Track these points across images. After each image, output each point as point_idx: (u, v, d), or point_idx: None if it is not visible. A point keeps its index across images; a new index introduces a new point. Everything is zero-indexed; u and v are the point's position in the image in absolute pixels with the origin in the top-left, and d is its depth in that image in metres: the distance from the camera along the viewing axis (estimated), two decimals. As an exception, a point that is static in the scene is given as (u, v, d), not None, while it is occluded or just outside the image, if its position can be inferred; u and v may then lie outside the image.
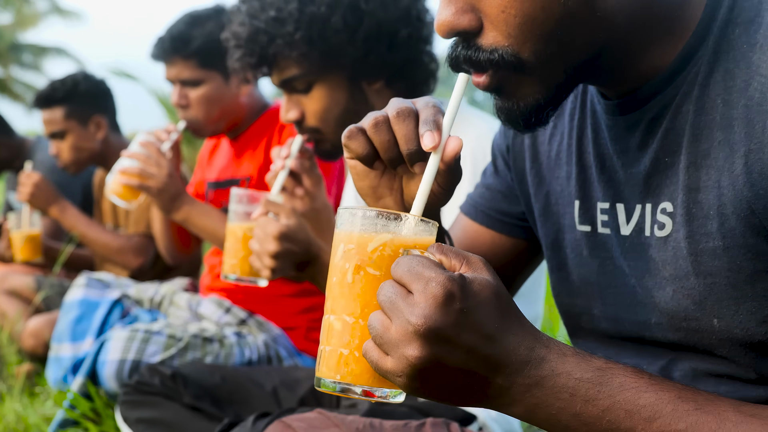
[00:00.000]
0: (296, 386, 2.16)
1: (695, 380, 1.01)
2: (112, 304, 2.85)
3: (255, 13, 1.87)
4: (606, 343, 1.13)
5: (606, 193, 1.09)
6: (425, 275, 0.81)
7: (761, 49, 0.90)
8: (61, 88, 3.55)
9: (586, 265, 1.14)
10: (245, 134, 2.80)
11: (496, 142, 1.35)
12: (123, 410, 2.17)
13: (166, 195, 2.47)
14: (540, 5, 0.91)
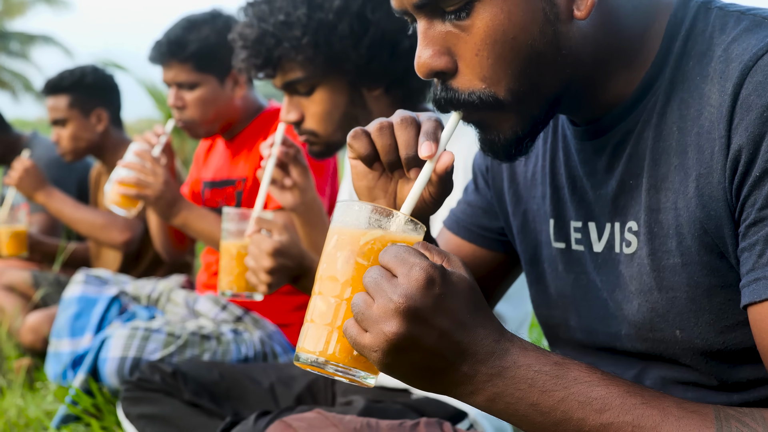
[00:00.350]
0: (292, 383, 2.22)
1: (665, 388, 1.08)
2: (110, 301, 2.91)
3: (263, 17, 1.93)
4: (582, 352, 1.21)
5: (578, 212, 1.17)
6: (410, 261, 0.89)
7: (712, 81, 0.97)
8: (69, 78, 3.63)
9: (562, 280, 1.21)
10: (240, 135, 2.86)
11: (477, 161, 1.42)
12: (125, 406, 2.24)
13: (163, 202, 2.53)
14: (509, 47, 0.99)
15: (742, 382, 1.03)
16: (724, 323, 1.00)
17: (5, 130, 4.33)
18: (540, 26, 0.99)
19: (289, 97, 2.00)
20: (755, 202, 0.91)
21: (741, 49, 0.96)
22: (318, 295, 0.97)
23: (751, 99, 0.91)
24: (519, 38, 0.99)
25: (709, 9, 1.03)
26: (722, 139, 0.94)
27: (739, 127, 0.92)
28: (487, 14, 0.98)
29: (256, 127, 2.84)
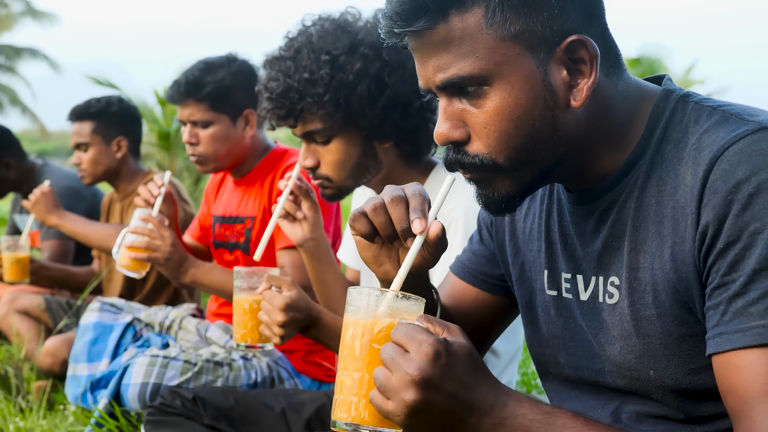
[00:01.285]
0: (302, 408, 2.43)
1: (638, 421, 1.29)
2: (125, 327, 3.12)
3: (289, 72, 2.10)
4: (569, 386, 1.42)
5: (568, 265, 1.38)
6: (418, 338, 1.08)
7: (686, 164, 1.19)
8: (95, 106, 3.89)
9: (553, 323, 1.42)
10: (249, 174, 3.06)
11: (482, 216, 1.62)
12: (148, 429, 2.44)
13: (172, 263, 2.67)
14: (513, 125, 1.21)
15: (704, 416, 1.24)
16: (691, 366, 1.21)
17: (21, 158, 4.53)
18: (540, 111, 1.20)
19: (306, 145, 2.18)
20: (719, 269, 1.12)
21: (711, 140, 1.16)
22: (344, 371, 1.16)
23: (718, 184, 1.12)
24: (522, 119, 1.20)
25: (686, 102, 1.25)
26: (693, 215, 1.15)
27: (707, 207, 1.13)
28: (497, 97, 1.20)
29: (265, 167, 3.04)
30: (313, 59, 2.09)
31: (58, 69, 36.78)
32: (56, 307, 3.95)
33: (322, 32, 2.12)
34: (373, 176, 2.21)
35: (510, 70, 1.19)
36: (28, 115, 36.16)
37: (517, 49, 1.18)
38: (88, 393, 2.93)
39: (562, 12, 1.18)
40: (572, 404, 1.39)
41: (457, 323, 1.57)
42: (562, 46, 1.19)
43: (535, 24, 1.17)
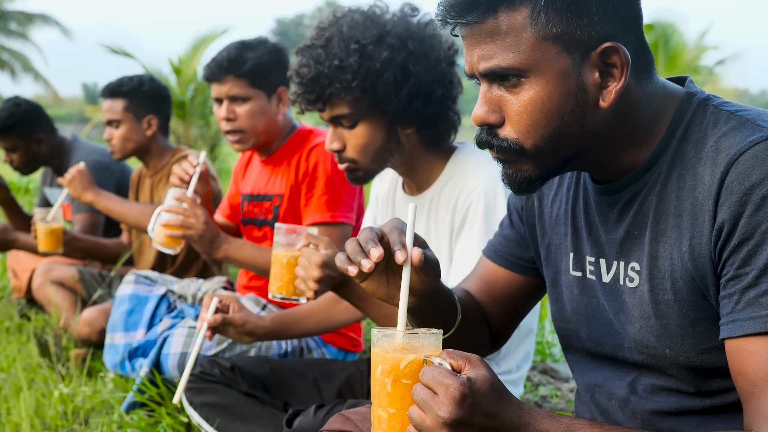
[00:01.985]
0: (333, 377, 2.60)
1: (653, 393, 1.44)
2: (160, 299, 3.28)
3: (320, 60, 2.23)
4: (589, 359, 1.57)
5: (592, 250, 1.52)
6: (445, 382, 1.19)
7: (704, 164, 1.32)
8: (128, 84, 4.01)
9: (577, 301, 1.56)
10: (276, 154, 3.20)
11: (513, 201, 1.76)
12: (189, 395, 2.61)
13: (205, 239, 2.81)
14: (543, 116, 1.35)
15: (713, 390, 1.38)
16: (703, 346, 1.35)
17: (52, 133, 4.68)
18: (571, 107, 1.34)
19: (333, 129, 2.31)
20: (734, 263, 1.26)
21: (728, 144, 1.29)
22: (379, 407, 1.31)
23: (734, 185, 1.26)
24: (552, 112, 1.34)
25: (707, 106, 1.38)
26: (710, 213, 1.28)
27: (724, 206, 1.26)
28: (532, 89, 1.34)
29: (291, 146, 3.18)
30: (343, 48, 2.21)
31: (70, 35, 36.85)
32: (89, 278, 4.12)
33: (352, 23, 2.24)
34: (396, 160, 2.33)
35: (547, 67, 1.32)
36: (41, 81, 36.28)
37: (555, 48, 1.32)
38: (126, 361, 3.10)
39: (600, 19, 1.30)
40: (592, 375, 1.55)
41: (489, 304, 1.74)
42: (598, 51, 1.32)
43: (574, 28, 1.30)
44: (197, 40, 14.25)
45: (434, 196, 2.35)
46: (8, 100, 4.65)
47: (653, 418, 1.43)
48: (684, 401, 1.41)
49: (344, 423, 1.86)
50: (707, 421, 1.37)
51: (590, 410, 1.55)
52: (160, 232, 2.84)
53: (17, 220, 4.70)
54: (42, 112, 4.70)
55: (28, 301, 4.58)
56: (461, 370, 1.24)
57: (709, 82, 19.30)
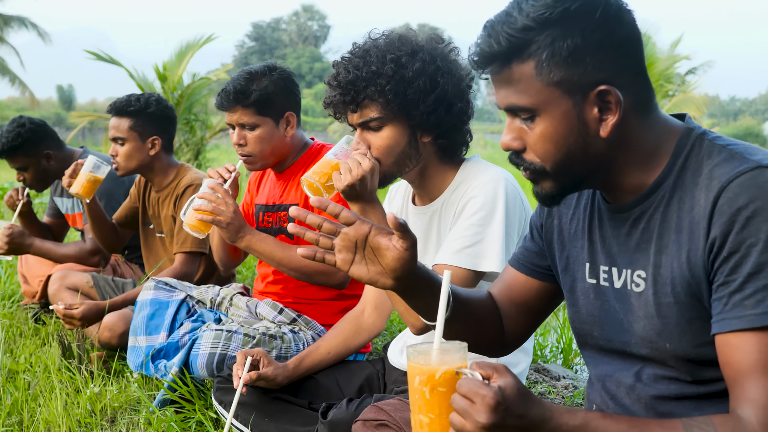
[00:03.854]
0: (352, 376, 2.83)
1: (656, 381, 1.68)
2: (180, 304, 3.50)
3: (358, 67, 2.45)
4: (601, 353, 1.82)
5: (606, 260, 1.77)
6: (480, 393, 1.41)
7: (700, 189, 1.57)
8: (135, 104, 4.16)
9: (592, 305, 1.81)
10: (290, 168, 3.43)
11: (534, 219, 2.01)
12: (218, 395, 2.83)
13: (232, 227, 3.09)
14: (554, 146, 1.61)
15: (706, 379, 1.63)
16: (698, 341, 1.60)
17: (60, 147, 4.87)
18: (575, 137, 1.61)
19: (361, 132, 2.51)
20: (723, 271, 1.51)
21: (720, 173, 1.55)
22: (419, 414, 1.54)
23: (724, 207, 1.51)
24: (560, 142, 1.61)
25: (703, 140, 1.64)
26: (705, 230, 1.54)
27: (716, 224, 1.52)
28: (543, 124, 1.61)
29: (304, 161, 3.42)
30: (380, 57, 2.45)
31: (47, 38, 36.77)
32: (103, 283, 4.32)
33: (388, 39, 2.50)
34: (412, 167, 2.53)
35: (552, 108, 1.60)
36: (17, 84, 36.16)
37: (558, 92, 1.59)
38: (149, 362, 3.31)
39: (594, 68, 1.57)
40: (603, 367, 1.80)
41: (509, 307, 2.00)
42: (594, 92, 1.58)
43: (572, 76, 1.57)
44: (182, 47, 14.37)
45: (443, 203, 2.56)
46: (13, 121, 4.81)
47: (655, 402, 1.68)
48: (682, 388, 1.65)
49: (378, 413, 2.09)
50: (701, 405, 1.63)
51: (601, 396, 1.80)
52: (191, 215, 3.09)
53: (33, 229, 4.90)
54: (47, 129, 4.87)
55: (42, 306, 4.76)
56: (490, 378, 1.48)
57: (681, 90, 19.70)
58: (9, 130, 4.73)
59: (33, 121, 4.82)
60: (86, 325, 3.89)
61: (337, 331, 2.92)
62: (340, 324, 2.95)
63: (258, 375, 2.70)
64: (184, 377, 3.09)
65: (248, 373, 2.69)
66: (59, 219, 5.24)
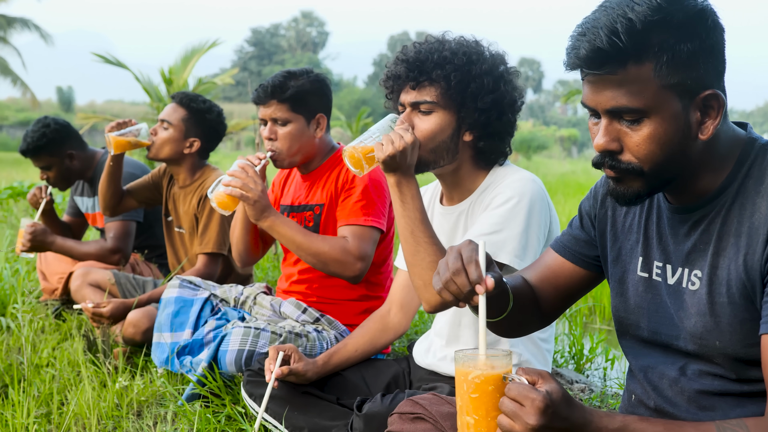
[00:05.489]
0: (379, 374, 2.92)
1: (700, 377, 1.75)
2: (204, 302, 3.58)
3: (432, 50, 2.53)
4: (642, 345, 1.89)
5: (660, 256, 1.84)
6: (530, 396, 1.51)
7: (762, 197, 1.66)
8: (199, 104, 4.31)
9: (641, 297, 1.88)
10: (316, 170, 3.52)
11: (585, 207, 2.07)
12: (248, 388, 2.91)
13: (259, 205, 3.16)
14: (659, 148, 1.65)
15: (751, 378, 1.70)
16: (748, 341, 1.67)
17: (82, 147, 4.96)
18: (679, 139, 1.66)
19: (409, 112, 2.56)
20: None
21: None
22: (466, 415, 1.62)
23: None
24: (665, 144, 1.65)
25: (766, 150, 1.72)
26: (764, 236, 1.62)
27: None
28: (651, 127, 1.64)
29: (330, 164, 3.51)
30: (453, 49, 2.53)
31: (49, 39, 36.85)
32: (125, 281, 4.40)
33: (463, 40, 2.59)
34: (447, 162, 2.59)
35: (664, 110, 1.63)
36: (19, 85, 36.23)
37: (671, 95, 1.63)
38: (174, 358, 3.39)
39: (705, 72, 1.62)
40: (645, 359, 1.87)
41: (548, 290, 2.09)
42: (701, 96, 1.64)
43: (686, 79, 1.61)
44: (187, 52, 14.48)
45: (471, 204, 2.62)
46: (38, 121, 4.91)
47: (699, 396, 1.75)
48: (726, 385, 1.73)
49: (414, 406, 2.16)
50: (743, 403, 1.70)
51: (643, 386, 1.87)
52: (220, 191, 3.18)
53: (55, 227, 4.98)
54: (71, 129, 4.97)
55: (63, 302, 4.84)
56: (536, 383, 1.57)
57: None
58: (34, 130, 4.82)
59: (57, 121, 4.91)
60: (114, 322, 3.97)
61: (364, 330, 3.00)
62: (366, 323, 3.03)
63: (289, 370, 2.78)
64: (213, 372, 3.16)
65: (280, 367, 2.77)
66: (79, 218, 5.32)
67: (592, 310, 5.81)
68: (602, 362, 4.32)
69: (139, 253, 4.98)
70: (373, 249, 3.27)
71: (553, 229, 2.53)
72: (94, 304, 3.99)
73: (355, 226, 3.24)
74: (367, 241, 3.24)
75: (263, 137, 3.47)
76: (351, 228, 3.25)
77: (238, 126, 16.13)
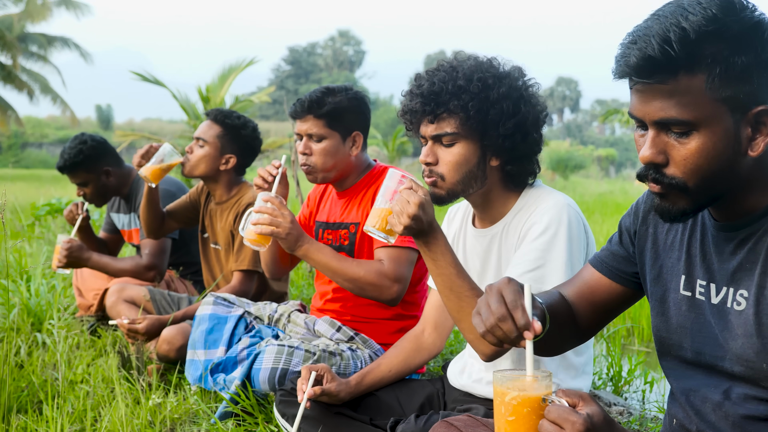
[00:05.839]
0: (413, 394, 2.87)
1: (745, 401, 1.70)
2: (238, 319, 3.56)
3: (445, 80, 2.47)
4: (684, 366, 1.84)
5: (704, 274, 1.78)
6: (570, 419, 1.48)
7: None
8: (233, 120, 4.30)
9: (684, 316, 1.83)
10: (352, 188, 3.50)
11: (625, 223, 2.02)
12: (281, 408, 2.88)
13: (291, 237, 3.11)
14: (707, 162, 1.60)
15: None
16: None
17: (119, 164, 4.99)
18: (728, 155, 1.61)
19: (432, 144, 2.52)
20: None
21: None
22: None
23: None
24: (714, 159, 1.60)
25: None
26: None
27: None
28: (700, 140, 1.60)
29: (366, 181, 3.48)
30: (468, 75, 2.46)
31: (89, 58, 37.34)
32: (159, 297, 4.40)
33: (476, 61, 2.52)
34: (476, 189, 2.54)
35: (715, 123, 1.58)
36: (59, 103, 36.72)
37: (723, 108, 1.58)
38: (208, 376, 3.37)
39: (758, 87, 1.57)
40: (687, 381, 1.82)
41: (585, 307, 2.04)
42: (753, 112, 1.59)
43: (739, 93, 1.57)
44: (225, 70, 14.61)
45: (504, 227, 2.57)
46: (75, 138, 4.95)
47: (744, 421, 1.69)
48: None
49: (448, 428, 2.12)
50: None
51: (685, 410, 1.82)
52: (250, 230, 3.13)
53: (91, 243, 5.01)
54: (107, 146, 4.99)
55: (98, 318, 4.85)
56: (576, 406, 1.53)
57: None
58: (71, 146, 4.85)
59: (94, 138, 4.94)
60: (148, 339, 3.97)
61: (398, 350, 2.97)
62: (400, 342, 2.99)
63: (322, 390, 2.74)
64: (246, 391, 3.14)
65: (312, 387, 2.74)
66: (115, 234, 5.34)
67: (630, 331, 5.72)
68: (641, 384, 4.24)
69: (174, 269, 4.99)
70: (410, 270, 3.23)
71: (590, 251, 2.48)
72: (129, 320, 3.99)
73: (391, 248, 3.21)
74: (403, 263, 3.20)
75: (298, 152, 3.45)
76: (387, 250, 3.22)
77: (274, 144, 16.22)
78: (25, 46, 36.22)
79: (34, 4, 34.83)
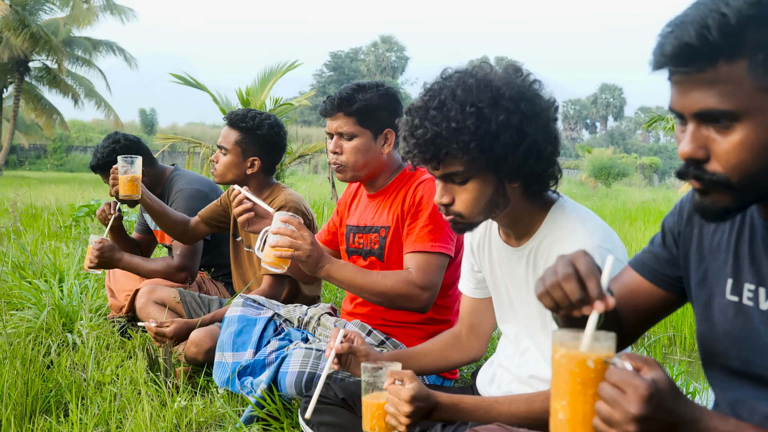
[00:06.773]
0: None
1: None
2: (267, 322, 3.49)
3: (436, 122, 2.27)
4: (731, 376, 1.72)
5: (753, 278, 1.66)
6: (633, 383, 1.37)
7: None
8: (248, 121, 4.17)
9: (731, 323, 1.70)
10: (383, 190, 3.41)
11: (669, 224, 1.90)
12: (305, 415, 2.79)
13: (312, 259, 2.99)
14: (751, 156, 1.48)
15: None
16: None
17: (153, 164, 4.95)
18: None
19: (444, 184, 2.36)
20: None
21: None
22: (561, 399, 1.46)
23: None
24: (759, 152, 1.48)
25: None
26: None
27: None
28: (743, 132, 1.47)
29: (398, 183, 3.39)
30: (459, 110, 2.25)
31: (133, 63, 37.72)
32: (190, 299, 4.35)
33: (465, 87, 2.28)
34: (500, 211, 2.38)
35: (759, 113, 1.46)
36: (103, 107, 37.15)
37: (767, 98, 1.46)
38: (236, 379, 3.30)
39: None
40: (734, 392, 1.70)
41: (628, 311, 1.91)
42: None
43: None
44: (265, 74, 14.59)
45: (533, 248, 2.41)
46: (108, 137, 4.92)
47: None
48: None
49: (477, 436, 2.03)
50: None
51: None
52: (269, 252, 3.02)
53: (123, 244, 4.97)
54: (141, 145, 4.95)
55: (129, 319, 4.82)
56: (640, 370, 1.42)
57: None
58: (104, 145, 4.82)
59: (128, 137, 4.91)
60: (177, 342, 3.92)
61: (437, 340, 2.85)
62: (439, 336, 2.89)
63: (350, 347, 2.63)
64: (272, 395, 3.07)
65: (341, 343, 2.62)
66: (148, 235, 5.31)
67: (672, 340, 5.57)
68: (682, 395, 4.10)
69: (206, 271, 4.94)
70: (440, 276, 3.13)
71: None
72: (157, 323, 3.94)
73: (420, 254, 3.11)
74: (432, 270, 3.11)
75: (328, 151, 3.38)
76: (416, 257, 3.12)
77: (315, 148, 16.19)
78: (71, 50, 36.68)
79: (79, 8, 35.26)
